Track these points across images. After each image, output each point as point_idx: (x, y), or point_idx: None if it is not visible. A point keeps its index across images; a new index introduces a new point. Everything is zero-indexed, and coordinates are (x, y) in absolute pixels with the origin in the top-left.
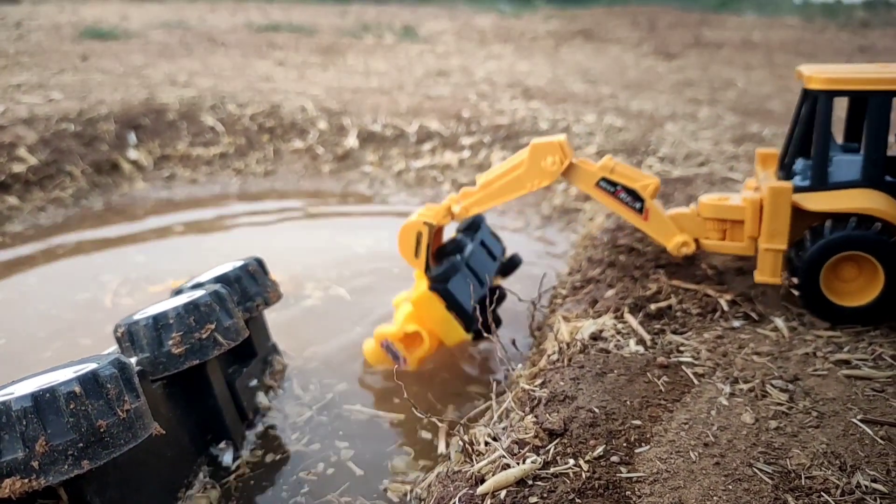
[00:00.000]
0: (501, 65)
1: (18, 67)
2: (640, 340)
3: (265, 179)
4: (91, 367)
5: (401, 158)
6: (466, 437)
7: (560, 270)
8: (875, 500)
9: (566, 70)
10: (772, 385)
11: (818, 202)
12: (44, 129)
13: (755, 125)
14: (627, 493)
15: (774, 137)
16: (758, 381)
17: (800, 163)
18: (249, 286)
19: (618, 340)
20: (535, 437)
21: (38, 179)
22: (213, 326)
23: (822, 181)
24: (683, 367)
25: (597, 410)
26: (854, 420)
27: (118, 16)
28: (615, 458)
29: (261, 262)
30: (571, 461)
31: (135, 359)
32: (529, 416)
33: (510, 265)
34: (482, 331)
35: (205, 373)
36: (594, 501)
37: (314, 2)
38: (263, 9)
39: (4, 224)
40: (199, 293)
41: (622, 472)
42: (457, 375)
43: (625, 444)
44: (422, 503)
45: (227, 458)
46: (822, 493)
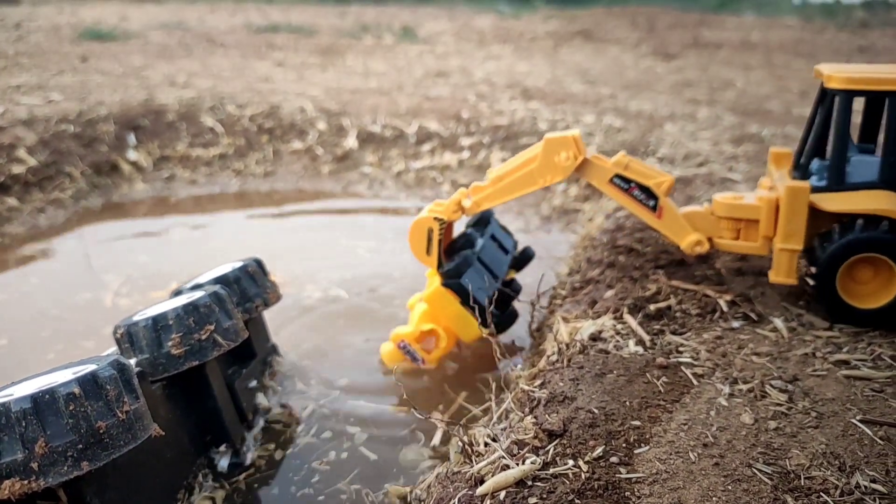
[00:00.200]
0: (500, 65)
1: (18, 68)
2: (640, 341)
3: (264, 180)
4: (90, 369)
5: (400, 159)
6: (466, 438)
7: (559, 271)
8: (874, 501)
9: (565, 70)
10: (771, 385)
11: (836, 203)
12: (43, 131)
13: (754, 125)
14: (627, 494)
15: (773, 137)
16: (757, 382)
17: (816, 163)
18: (249, 287)
19: (617, 341)
20: (535, 438)
21: (38, 181)
22: (213, 327)
23: (840, 182)
24: (683, 368)
25: (596, 411)
26: (853, 420)
27: (117, 17)
28: (614, 459)
29: (260, 263)
30: (571, 462)
31: (134, 360)
32: (529, 417)
33: (523, 258)
34: (500, 325)
35: (204, 374)
36: (593, 502)
37: (313, 2)
38: (263, 10)
39: (4, 225)
40: (199, 294)
41: (621, 473)
42: (457, 375)
43: (624, 445)
44: None
45: (224, 463)
46: (822, 494)
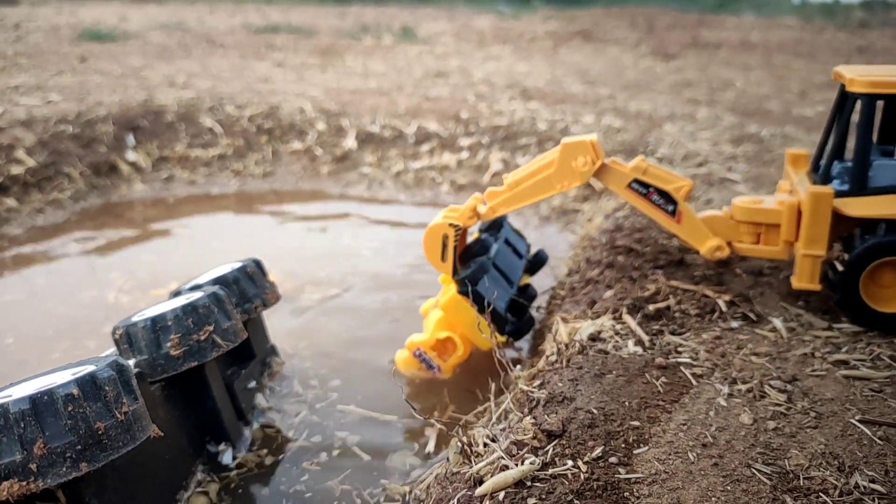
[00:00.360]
0: (500, 66)
1: (17, 69)
2: (639, 341)
3: (264, 181)
4: (89, 370)
5: (399, 159)
6: (465, 439)
7: (558, 271)
8: (873, 501)
9: (565, 71)
10: (770, 386)
11: (859, 208)
12: (42, 131)
13: (753, 125)
14: (626, 494)
15: (773, 138)
16: (756, 382)
17: (837, 166)
18: (248, 288)
19: (616, 341)
20: (534, 439)
21: (37, 181)
22: (212, 328)
23: (863, 186)
24: (682, 368)
25: (595, 411)
26: (852, 420)
27: (117, 17)
28: (614, 459)
29: (259, 264)
30: (570, 462)
31: (133, 361)
32: (528, 418)
33: (537, 262)
34: (518, 332)
35: (203, 374)
36: (592, 502)
37: (313, 3)
38: (262, 10)
39: (2, 226)
40: (198, 295)
41: (621, 473)
42: (457, 376)
43: (623, 445)
44: None
45: (227, 458)
46: (821, 494)
